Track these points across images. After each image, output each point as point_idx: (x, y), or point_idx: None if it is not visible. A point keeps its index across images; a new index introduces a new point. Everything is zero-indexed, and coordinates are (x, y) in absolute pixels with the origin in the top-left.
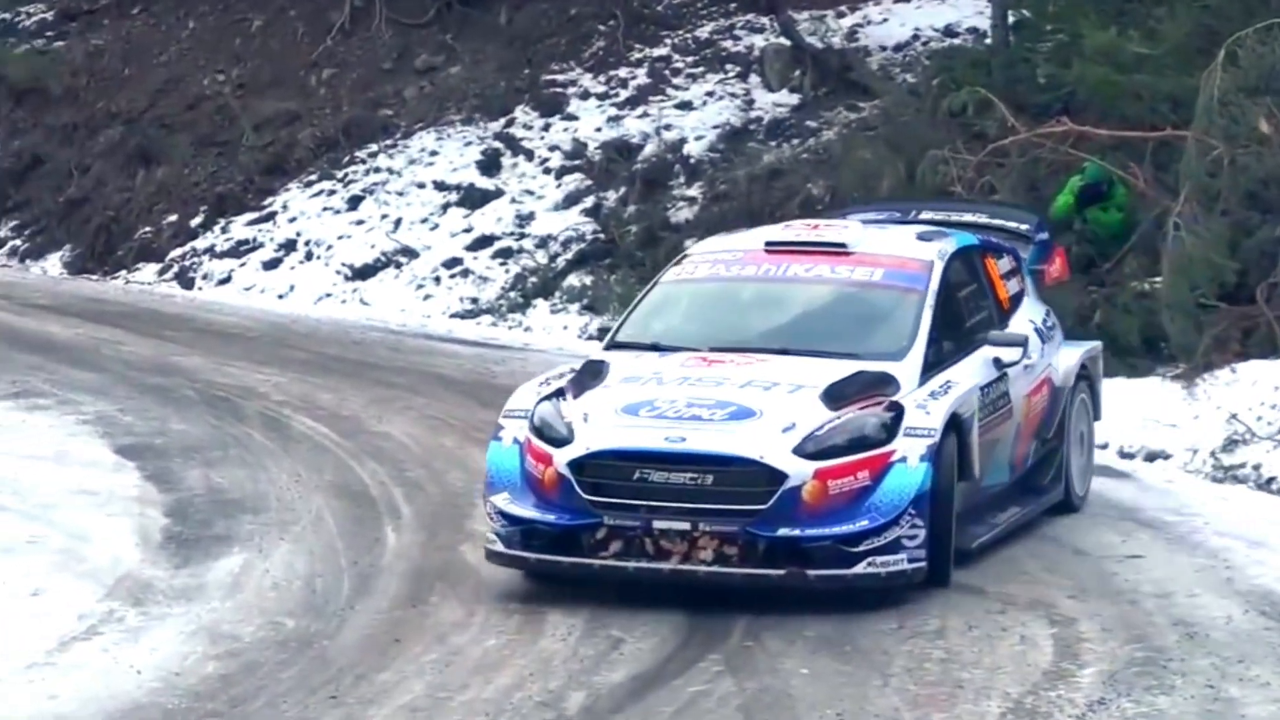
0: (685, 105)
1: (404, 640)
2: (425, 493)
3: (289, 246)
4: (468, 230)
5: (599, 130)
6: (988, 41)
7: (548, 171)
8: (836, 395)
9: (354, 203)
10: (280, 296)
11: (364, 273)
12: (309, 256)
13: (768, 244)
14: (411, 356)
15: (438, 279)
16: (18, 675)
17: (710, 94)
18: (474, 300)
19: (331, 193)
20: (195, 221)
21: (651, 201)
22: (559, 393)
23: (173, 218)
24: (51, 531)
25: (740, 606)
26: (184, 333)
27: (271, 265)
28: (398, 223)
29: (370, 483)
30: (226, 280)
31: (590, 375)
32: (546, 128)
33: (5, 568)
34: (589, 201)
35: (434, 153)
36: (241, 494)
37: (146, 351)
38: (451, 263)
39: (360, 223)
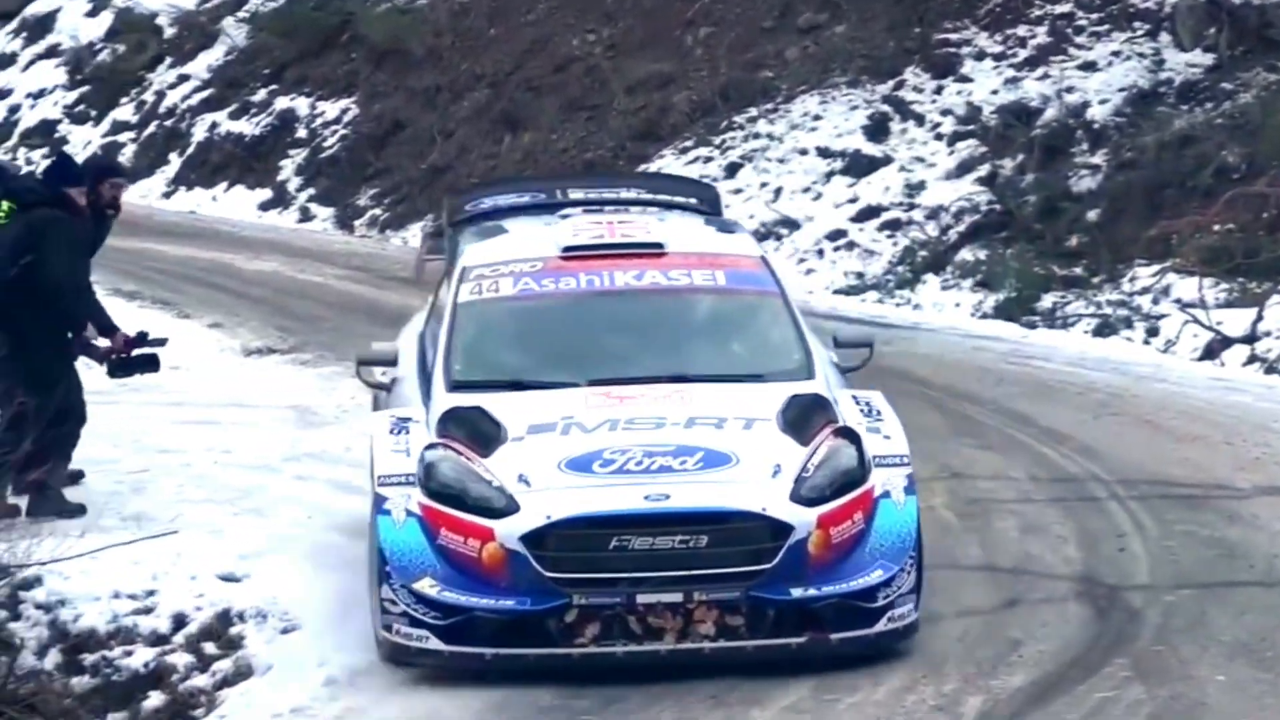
0: (1089, 66)
1: None
2: None
3: None
4: (853, 200)
5: (995, 93)
6: None
7: (939, 137)
8: (796, 426)
9: (732, 170)
10: None
11: None
12: None
13: (565, 250)
14: None
15: (820, 252)
16: None
17: (1116, 54)
18: (859, 275)
19: (708, 159)
20: None
21: (1051, 170)
22: (442, 449)
23: None
24: None
25: (1148, 608)
26: None
27: None
28: (778, 192)
29: None
30: None
31: (475, 426)
32: (938, 90)
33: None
34: (983, 170)
35: (817, 117)
36: None
37: None
38: (835, 235)
39: (738, 191)
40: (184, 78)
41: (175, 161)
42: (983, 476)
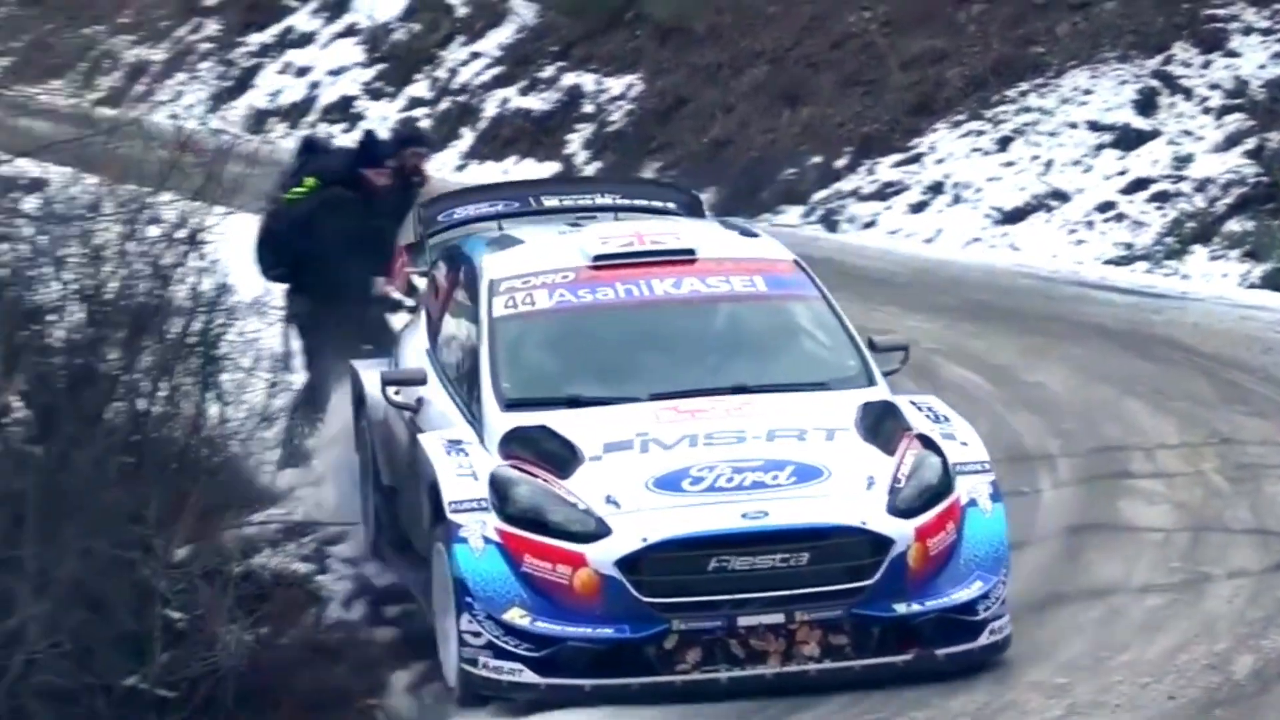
0: None
1: (1062, 597)
2: (1081, 445)
3: (936, 189)
4: (1122, 173)
5: (1262, 68)
6: None
7: (1207, 111)
8: (876, 434)
9: (1003, 144)
10: (927, 241)
11: (1013, 216)
12: (956, 200)
13: (596, 258)
14: (1064, 304)
15: (1090, 223)
16: None
17: None
18: (1128, 246)
19: (980, 133)
20: (840, 163)
21: None
22: (515, 471)
23: (817, 159)
24: None
25: None
26: (828, 276)
27: (918, 208)
28: (1049, 164)
29: (1024, 433)
30: (871, 224)
31: (543, 446)
32: (1206, 65)
33: None
34: (1251, 143)
35: (1087, 91)
36: None
37: None
38: (1105, 206)
39: (1010, 164)
40: (475, 55)
41: (468, 136)
42: (1252, 442)
